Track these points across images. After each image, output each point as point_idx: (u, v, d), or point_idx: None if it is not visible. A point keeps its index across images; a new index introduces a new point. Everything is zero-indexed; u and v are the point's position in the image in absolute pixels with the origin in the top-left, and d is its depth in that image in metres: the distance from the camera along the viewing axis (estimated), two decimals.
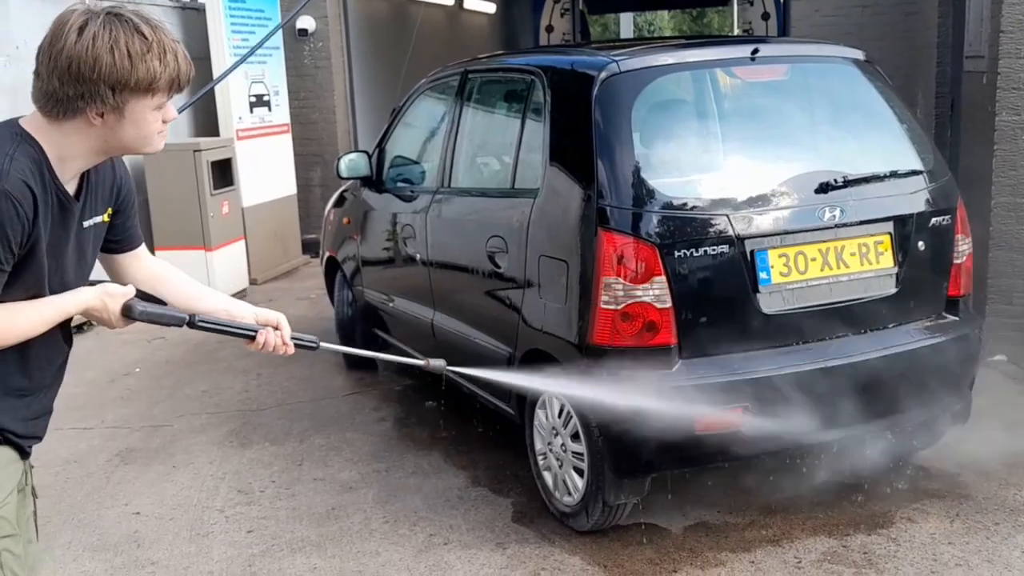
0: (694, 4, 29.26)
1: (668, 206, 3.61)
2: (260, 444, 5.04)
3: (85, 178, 2.13)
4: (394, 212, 5.40)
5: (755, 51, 3.97)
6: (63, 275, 2.14)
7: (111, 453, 5.01)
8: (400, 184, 5.46)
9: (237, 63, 6.76)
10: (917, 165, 4.05)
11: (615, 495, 3.71)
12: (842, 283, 3.74)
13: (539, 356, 3.99)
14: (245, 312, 2.41)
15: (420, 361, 2.88)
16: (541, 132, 4.10)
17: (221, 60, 8.72)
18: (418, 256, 4.98)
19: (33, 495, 2.33)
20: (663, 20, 42.85)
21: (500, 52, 5.48)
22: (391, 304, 5.49)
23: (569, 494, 3.90)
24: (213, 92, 8.80)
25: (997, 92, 5.53)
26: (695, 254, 3.55)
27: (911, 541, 3.76)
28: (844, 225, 3.73)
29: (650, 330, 3.55)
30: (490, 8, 18.61)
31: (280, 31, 9.61)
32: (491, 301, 4.32)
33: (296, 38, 9.97)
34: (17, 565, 2.14)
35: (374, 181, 5.69)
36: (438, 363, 2.84)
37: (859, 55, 4.25)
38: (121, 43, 1.91)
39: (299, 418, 5.42)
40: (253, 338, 2.38)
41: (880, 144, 4.15)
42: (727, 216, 3.59)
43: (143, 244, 2.45)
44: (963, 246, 4.05)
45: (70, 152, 2.02)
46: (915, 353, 3.86)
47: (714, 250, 3.56)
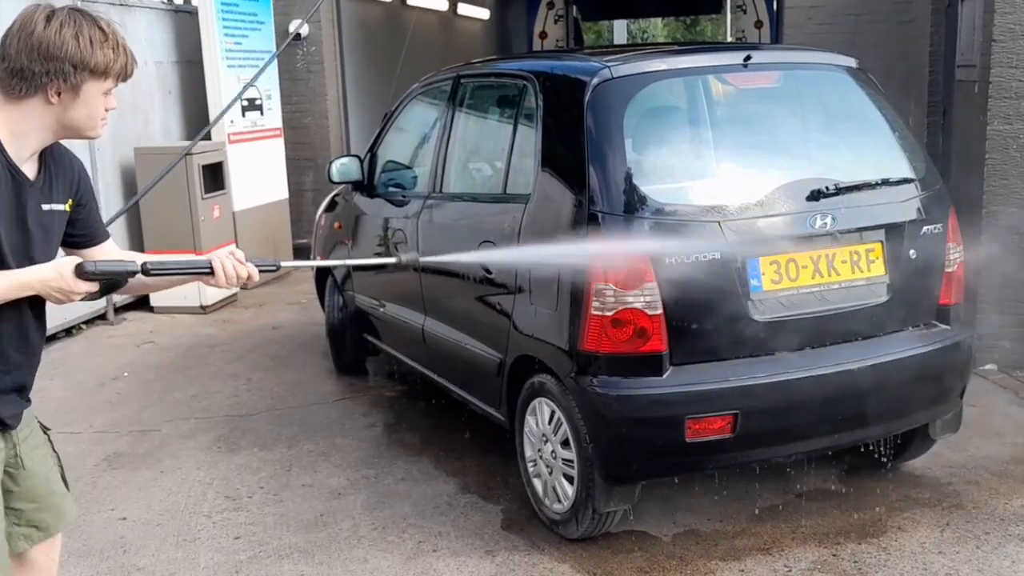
0: (688, 12, 29.33)
1: (660, 212, 3.60)
2: (249, 450, 5.01)
3: (44, 165, 2.37)
4: (385, 217, 5.38)
5: (748, 58, 3.96)
6: (28, 250, 2.32)
7: (99, 458, 4.98)
8: (392, 189, 5.44)
9: (236, 96, 6.75)
10: (909, 173, 4.04)
11: (605, 502, 3.69)
12: (833, 291, 3.73)
13: (530, 362, 3.98)
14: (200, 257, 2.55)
15: (392, 259, 3.14)
16: (533, 137, 4.09)
17: (213, 64, 8.70)
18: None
19: (54, 452, 2.69)
20: (657, 28, 42.94)
21: (493, 57, 5.46)
22: (382, 309, 5.46)
23: (559, 501, 3.88)
24: (205, 95, 8.79)
25: (989, 101, 5.54)
26: (686, 261, 3.53)
27: (901, 550, 3.75)
28: (836, 233, 3.72)
29: (641, 336, 3.53)
30: (484, 14, 18.63)
31: (273, 35, 9.61)
32: (482, 307, 4.30)
33: (289, 42, 9.94)
34: None
35: (366, 186, 5.67)
36: (410, 256, 2.97)
37: (852, 62, 4.25)
38: (85, 31, 2.25)
39: (288, 424, 5.39)
40: (210, 272, 2.45)
41: (872, 152, 4.15)
42: (719, 223, 3.58)
43: (110, 238, 2.61)
44: (954, 254, 4.04)
45: (24, 128, 2.28)
46: (906, 362, 3.85)
47: (705, 257, 3.55)
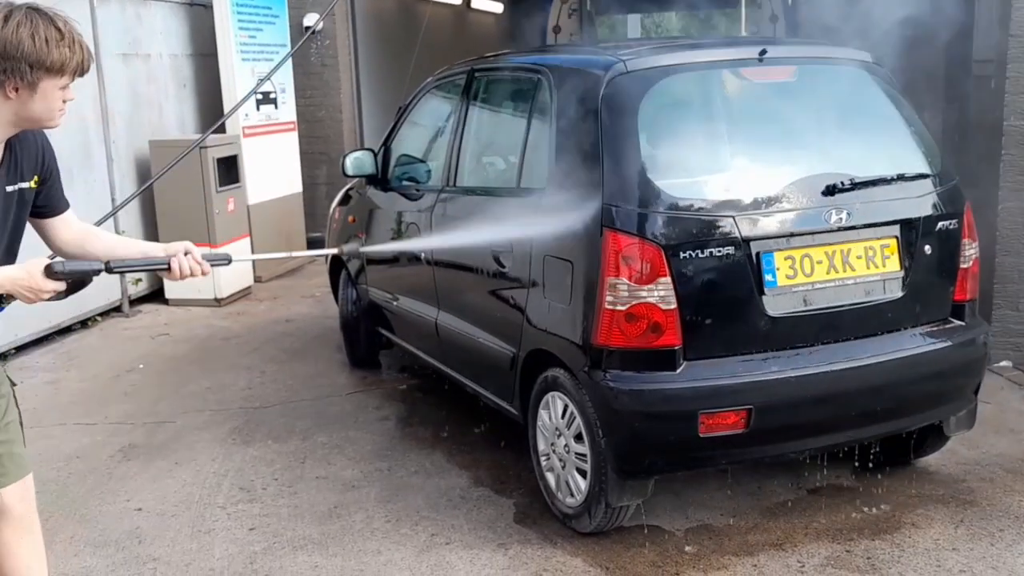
0: (702, 6, 29.20)
1: (674, 207, 3.59)
2: (263, 442, 5.04)
3: (9, 149, 2.54)
4: (399, 211, 5.39)
5: (763, 52, 3.95)
6: None
7: (114, 449, 5.01)
8: (405, 183, 5.45)
9: (250, 93, 6.80)
10: (924, 168, 4.02)
11: (618, 497, 3.70)
12: (848, 286, 3.72)
13: (543, 356, 3.99)
14: (158, 252, 2.79)
15: (333, 250, 3.09)
16: (547, 131, 4.09)
17: (228, 57, 8.72)
18: (422, 255, 4.97)
19: (17, 406, 2.91)
20: (671, 22, 42.79)
21: (507, 51, 5.45)
22: (395, 303, 5.48)
23: (572, 495, 3.89)
24: (219, 88, 8.82)
25: (1006, 96, 5.50)
26: (700, 255, 3.53)
27: (915, 547, 3.74)
28: (851, 228, 3.71)
29: (655, 331, 3.53)
30: (497, 8, 18.61)
31: (287, 28, 9.62)
32: (495, 301, 4.31)
33: (302, 36, 9.94)
34: None
35: (379, 179, 5.68)
36: (351, 247, 3.12)
37: (867, 57, 4.23)
38: (41, 31, 2.36)
39: (302, 416, 5.41)
40: (168, 267, 2.71)
41: (887, 147, 4.12)
42: (733, 217, 3.57)
43: (70, 208, 2.82)
44: (970, 250, 4.03)
45: None
46: (921, 358, 3.84)
47: (720, 251, 3.55)
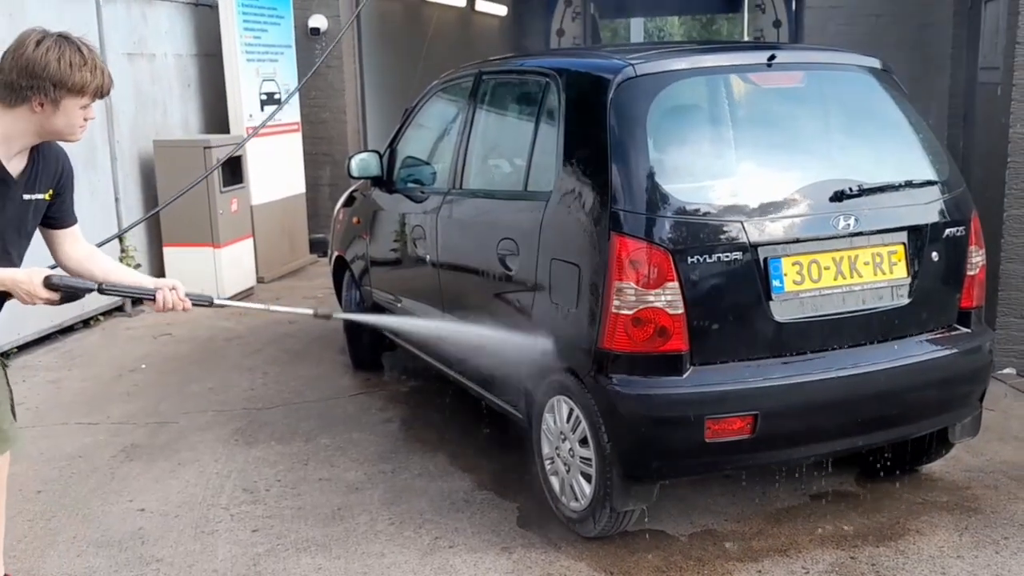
0: (706, 10, 29.26)
1: (682, 211, 3.59)
2: (266, 443, 5.03)
3: (33, 160, 2.82)
4: (404, 212, 5.39)
5: (772, 57, 3.95)
6: (4, 232, 2.80)
7: (116, 449, 5.00)
8: (411, 185, 5.44)
9: (288, 97, 6.80)
10: (932, 175, 4.02)
11: (623, 501, 3.69)
12: (855, 292, 3.72)
13: None
14: (148, 283, 3.05)
15: (308, 311, 3.41)
16: (555, 135, 4.08)
17: (233, 57, 8.72)
18: (428, 257, 4.96)
19: (8, 386, 3.08)
20: (673, 26, 42.80)
21: (514, 54, 5.46)
22: (399, 305, 5.47)
23: (576, 499, 3.88)
24: (224, 88, 8.82)
25: (1012, 104, 5.50)
26: (708, 260, 3.53)
27: (919, 554, 3.73)
28: (858, 234, 3.70)
29: (661, 336, 3.53)
30: (501, 10, 18.62)
31: (292, 29, 9.62)
32: (501, 303, 4.30)
33: (308, 37, 9.97)
34: None
35: (385, 181, 5.68)
36: (325, 309, 3.40)
37: (876, 63, 4.23)
38: (67, 56, 2.66)
39: (305, 418, 5.40)
40: (154, 298, 2.98)
41: (895, 153, 4.12)
42: (741, 223, 3.56)
43: (77, 225, 3.08)
44: (976, 258, 4.02)
45: (13, 131, 2.74)
46: (927, 365, 3.84)
47: (727, 256, 3.54)
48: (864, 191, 3.74)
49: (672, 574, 3.64)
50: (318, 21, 9.97)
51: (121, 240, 7.80)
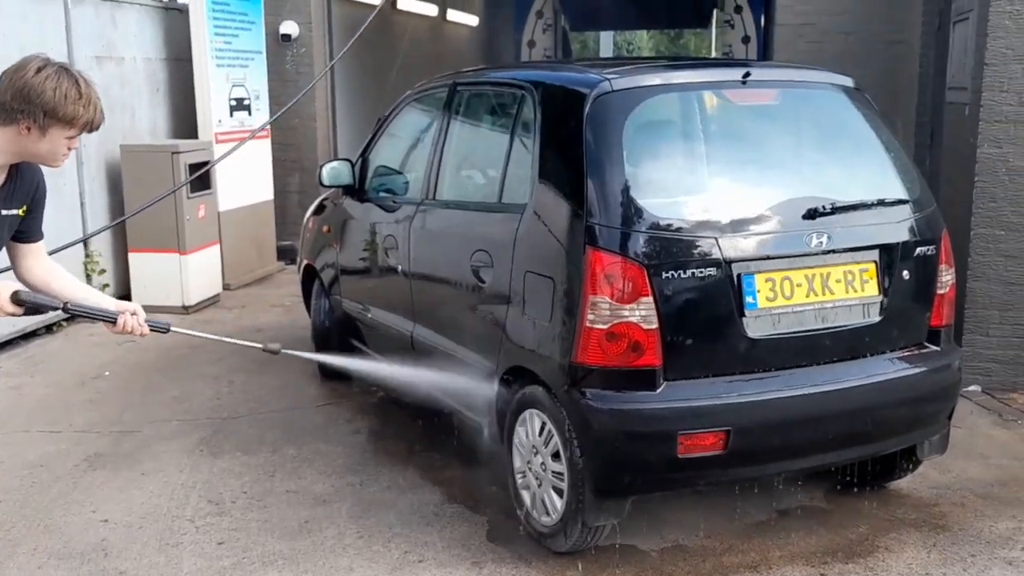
0: (675, 24, 29.47)
1: (657, 227, 3.59)
2: (231, 453, 4.96)
3: (11, 176, 2.84)
4: (376, 222, 5.35)
5: (747, 75, 3.97)
6: None
7: (79, 458, 4.91)
8: (383, 194, 5.41)
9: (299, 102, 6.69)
10: (904, 194, 4.05)
11: (595, 516, 3.67)
12: (827, 309, 3.74)
13: (522, 372, 3.96)
14: (110, 305, 3.07)
15: (257, 344, 3.44)
16: (530, 147, 4.08)
17: (203, 62, 8.64)
18: (400, 267, 4.93)
19: None
20: (642, 40, 43.05)
21: (489, 66, 5.46)
22: (369, 315, 5.43)
23: (547, 514, 3.86)
24: (193, 93, 8.73)
25: (980, 124, 5.57)
26: (682, 276, 3.53)
27: (888, 571, 3.75)
28: (831, 252, 3.73)
29: (635, 351, 3.52)
30: (472, 20, 18.63)
31: (263, 35, 9.55)
32: (474, 316, 4.28)
33: (279, 43, 9.89)
34: None
35: (356, 190, 5.64)
36: (274, 345, 3.40)
37: (849, 82, 4.26)
38: (63, 87, 2.67)
39: (271, 428, 5.34)
40: (114, 322, 3.00)
41: (868, 172, 4.15)
42: (715, 238, 3.57)
43: (42, 241, 3.10)
44: (946, 276, 4.06)
45: None
46: (897, 382, 3.87)
47: (701, 272, 3.55)
48: (837, 209, 3.76)
49: None
50: (289, 27, 9.89)
51: (86, 245, 7.69)
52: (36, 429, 5.33)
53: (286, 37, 9.91)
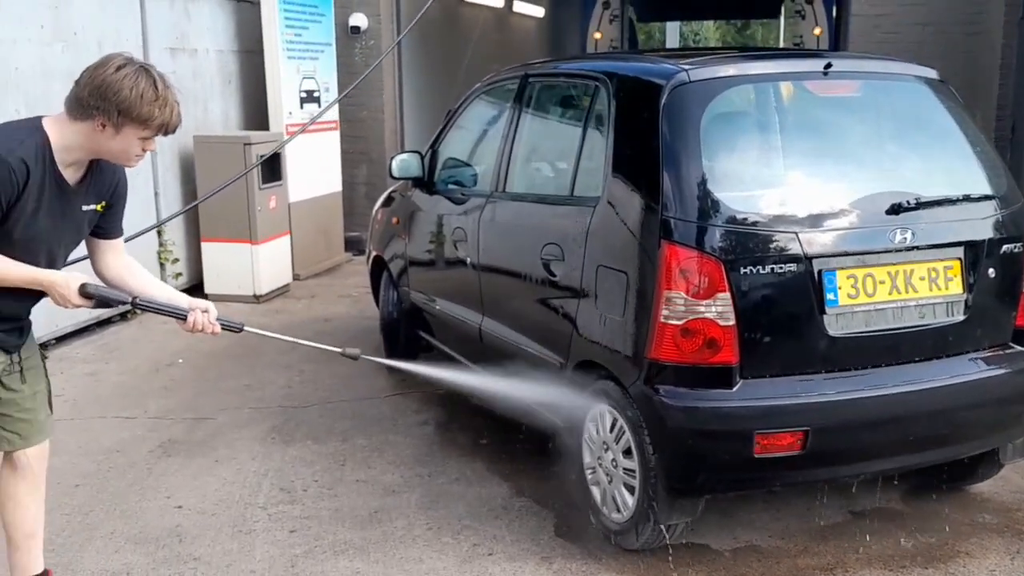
0: (743, 15, 29.10)
1: (734, 221, 3.52)
2: (302, 442, 5.01)
3: (90, 171, 2.87)
4: (445, 214, 5.35)
5: (828, 66, 3.87)
6: (60, 239, 2.91)
7: (154, 444, 4.99)
8: (452, 186, 5.41)
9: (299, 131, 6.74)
10: (990, 190, 3.93)
11: (667, 515, 3.63)
12: (910, 308, 3.63)
13: (592, 367, 3.93)
14: (182, 301, 3.11)
15: (336, 348, 3.45)
16: (604, 140, 4.03)
17: (274, 54, 8.73)
18: (468, 259, 4.92)
19: (46, 377, 3.20)
20: (708, 30, 42.57)
21: (561, 57, 5.42)
22: (437, 307, 5.43)
23: (618, 511, 3.82)
24: (264, 85, 8.82)
25: None
26: (761, 271, 3.46)
27: None
28: (915, 248, 3.62)
29: (711, 347, 3.46)
30: (539, 12, 18.58)
31: (332, 27, 9.62)
32: (544, 309, 4.25)
33: (348, 35, 9.97)
34: None
35: (425, 182, 5.64)
36: (353, 350, 3.41)
37: (933, 74, 4.14)
38: (140, 87, 2.70)
39: (341, 417, 5.38)
40: (185, 318, 3.03)
41: (952, 166, 4.03)
42: (795, 233, 3.49)
43: (122, 238, 3.14)
44: None
45: (72, 143, 2.79)
46: (980, 383, 3.75)
47: (781, 268, 3.47)
48: (921, 204, 3.65)
49: None
50: (359, 20, 9.96)
51: (159, 234, 7.83)
52: (112, 415, 5.43)
53: (355, 29, 9.98)
